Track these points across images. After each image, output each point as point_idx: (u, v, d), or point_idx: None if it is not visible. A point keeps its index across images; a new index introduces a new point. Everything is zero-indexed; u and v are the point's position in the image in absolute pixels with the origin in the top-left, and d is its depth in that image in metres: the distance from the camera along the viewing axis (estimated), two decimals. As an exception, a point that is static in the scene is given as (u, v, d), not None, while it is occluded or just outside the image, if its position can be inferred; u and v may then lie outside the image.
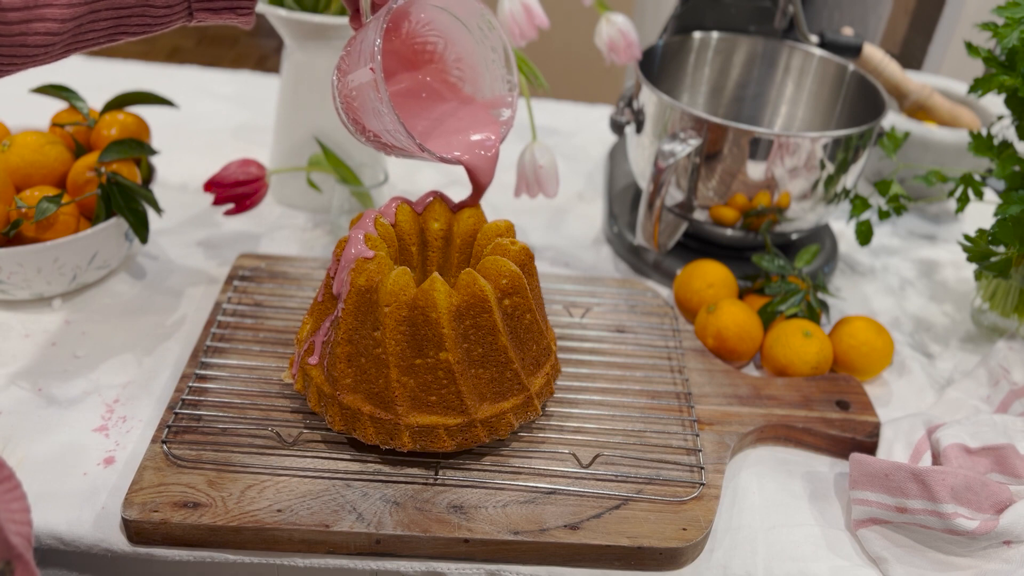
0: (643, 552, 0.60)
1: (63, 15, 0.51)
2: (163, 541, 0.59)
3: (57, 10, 0.51)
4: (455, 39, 0.67)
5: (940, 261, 1.01)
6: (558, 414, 0.70)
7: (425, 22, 0.66)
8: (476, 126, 0.67)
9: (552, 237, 0.98)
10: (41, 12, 0.51)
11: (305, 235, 0.94)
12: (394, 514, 0.60)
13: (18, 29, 0.51)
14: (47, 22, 0.51)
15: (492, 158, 0.66)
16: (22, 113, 0.94)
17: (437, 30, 0.67)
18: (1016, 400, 0.74)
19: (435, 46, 0.68)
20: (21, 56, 0.52)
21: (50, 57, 0.53)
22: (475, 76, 0.69)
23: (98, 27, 0.54)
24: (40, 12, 0.51)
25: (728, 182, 0.83)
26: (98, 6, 0.53)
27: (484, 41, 0.66)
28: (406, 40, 0.67)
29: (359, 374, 0.61)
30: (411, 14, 0.65)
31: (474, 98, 0.69)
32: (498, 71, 0.67)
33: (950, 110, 1.09)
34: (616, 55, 0.87)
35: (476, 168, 0.66)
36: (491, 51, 0.67)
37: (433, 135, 0.66)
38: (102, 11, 0.54)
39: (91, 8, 0.53)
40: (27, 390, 0.71)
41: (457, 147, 0.66)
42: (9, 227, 0.74)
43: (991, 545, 0.61)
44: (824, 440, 0.72)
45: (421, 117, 0.67)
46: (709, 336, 0.79)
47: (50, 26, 0.51)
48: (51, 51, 0.53)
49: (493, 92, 0.68)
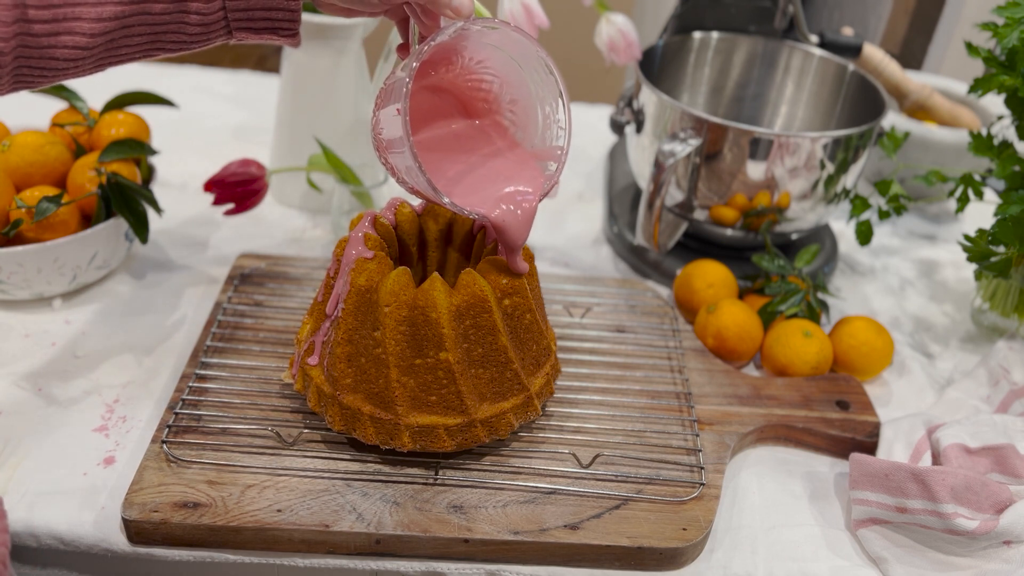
0: (643, 552, 0.60)
1: (93, 29, 0.50)
2: (163, 541, 0.59)
3: (87, 24, 0.50)
4: (511, 80, 0.62)
5: (940, 261, 1.01)
6: (558, 414, 0.70)
7: (479, 59, 0.60)
8: (516, 177, 0.61)
9: (552, 237, 0.98)
10: (70, 26, 0.50)
11: (305, 235, 0.94)
12: (394, 514, 0.60)
13: (46, 42, 0.50)
14: (76, 36, 0.50)
15: (524, 216, 0.60)
16: (22, 113, 0.94)
17: (493, 69, 0.61)
18: (1016, 400, 0.74)
19: (490, 85, 0.62)
20: (51, 70, 0.51)
21: (81, 71, 0.52)
22: (528, 122, 0.63)
23: (132, 42, 0.53)
24: (69, 26, 0.50)
25: (728, 182, 0.83)
26: (130, 21, 0.52)
27: (541, 86, 0.61)
28: (459, 76, 0.62)
29: (359, 374, 0.61)
30: (465, 49, 0.59)
31: (523, 146, 0.63)
32: (552, 120, 0.61)
33: (950, 110, 1.09)
34: (616, 55, 0.87)
35: (504, 226, 0.60)
36: (548, 97, 0.61)
37: (464, 182, 0.60)
38: (135, 27, 0.52)
39: (123, 24, 0.52)
40: (27, 390, 0.71)
41: (487, 200, 0.60)
42: (9, 227, 0.74)
43: (991, 545, 0.61)
44: (824, 440, 0.72)
45: (457, 161, 0.62)
46: (709, 336, 0.79)
47: (79, 40, 0.50)
48: (81, 65, 0.52)
49: (545, 142, 0.62)
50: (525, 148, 0.63)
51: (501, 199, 0.60)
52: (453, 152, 0.62)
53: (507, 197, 0.60)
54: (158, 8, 0.52)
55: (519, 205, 0.60)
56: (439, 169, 0.60)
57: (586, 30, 1.08)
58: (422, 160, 0.58)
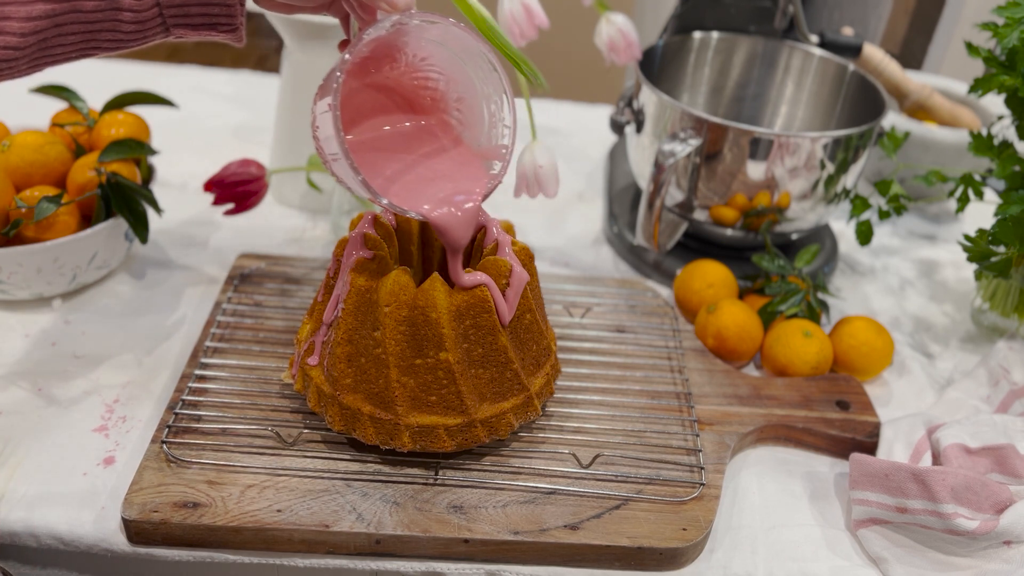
0: (643, 552, 0.60)
1: (23, 29, 0.50)
2: (163, 541, 0.59)
3: (16, 23, 0.49)
4: (457, 78, 0.60)
5: (940, 261, 1.01)
6: (558, 414, 0.70)
7: (423, 56, 0.59)
8: (459, 177, 0.60)
9: (552, 237, 0.98)
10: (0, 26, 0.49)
11: (305, 235, 0.94)
12: (394, 514, 0.60)
13: None
14: (6, 36, 0.49)
15: (465, 216, 0.59)
16: (22, 113, 0.94)
17: (438, 66, 0.60)
18: (1016, 400, 0.74)
19: (436, 83, 0.61)
20: None
21: (16, 72, 0.51)
22: (474, 120, 0.61)
23: (66, 41, 0.52)
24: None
25: (728, 182, 0.83)
26: (62, 20, 0.51)
27: (486, 83, 0.59)
28: (405, 74, 0.60)
29: (359, 374, 0.61)
30: (407, 45, 0.58)
31: (469, 145, 0.62)
32: (498, 118, 0.60)
33: (950, 110, 1.09)
34: (616, 55, 0.87)
35: (444, 227, 0.58)
36: (493, 94, 0.59)
37: (403, 181, 0.59)
38: (68, 25, 0.52)
39: (55, 23, 0.51)
40: (27, 390, 0.71)
41: (427, 200, 0.58)
42: (9, 227, 0.74)
43: (991, 545, 0.61)
44: (824, 440, 0.72)
45: (397, 160, 0.60)
46: (709, 336, 0.79)
47: (9, 40, 0.49)
48: (15, 66, 0.51)
49: (490, 141, 0.61)
50: (471, 147, 0.62)
51: (442, 199, 0.59)
52: (395, 151, 0.61)
53: (448, 197, 0.59)
54: (89, 6, 0.51)
55: (459, 206, 0.59)
56: (377, 167, 0.59)
57: (586, 30, 1.08)
58: (361, 158, 0.58)
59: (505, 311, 0.61)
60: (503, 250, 0.63)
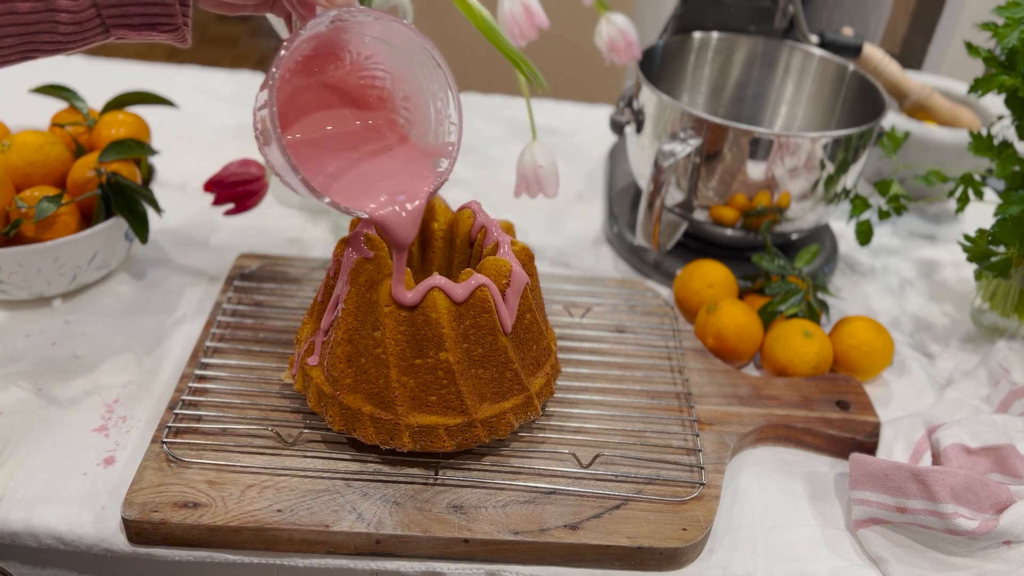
0: (643, 552, 0.60)
1: None
2: (163, 541, 0.59)
3: None
4: (402, 76, 0.60)
5: (940, 261, 1.01)
6: (558, 414, 0.70)
7: (368, 55, 0.58)
8: (403, 175, 0.60)
9: (552, 237, 0.98)
10: None
11: (305, 235, 0.94)
12: (394, 514, 0.60)
13: None
14: None
15: (410, 216, 0.58)
16: (22, 113, 0.94)
17: (383, 64, 0.59)
18: (1016, 400, 0.74)
19: (383, 82, 0.60)
20: None
21: None
22: (422, 120, 0.61)
23: (4, 43, 0.52)
24: None
25: (728, 182, 0.83)
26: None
27: (431, 80, 0.59)
28: (351, 73, 0.60)
29: (359, 374, 0.61)
30: (349, 43, 0.58)
31: (415, 143, 0.62)
32: (445, 116, 0.60)
33: (950, 110, 1.09)
34: (616, 55, 0.87)
35: (388, 225, 0.58)
36: (438, 91, 0.59)
37: (345, 180, 0.58)
38: (4, 27, 0.51)
39: None
40: (27, 390, 0.71)
41: (370, 198, 0.58)
42: (9, 227, 0.74)
43: (991, 545, 0.61)
44: (824, 440, 0.72)
45: (340, 158, 0.59)
46: (709, 336, 0.79)
47: None
48: None
49: (437, 138, 0.60)
50: (418, 145, 0.61)
51: (386, 198, 0.58)
52: (338, 149, 0.60)
53: (393, 196, 0.58)
54: (25, 7, 0.51)
55: (403, 205, 0.58)
56: (319, 165, 0.58)
57: (586, 30, 1.08)
58: (302, 155, 0.57)
59: (507, 319, 0.61)
60: (503, 250, 0.63)
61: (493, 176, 1.09)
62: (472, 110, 1.25)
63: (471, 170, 1.10)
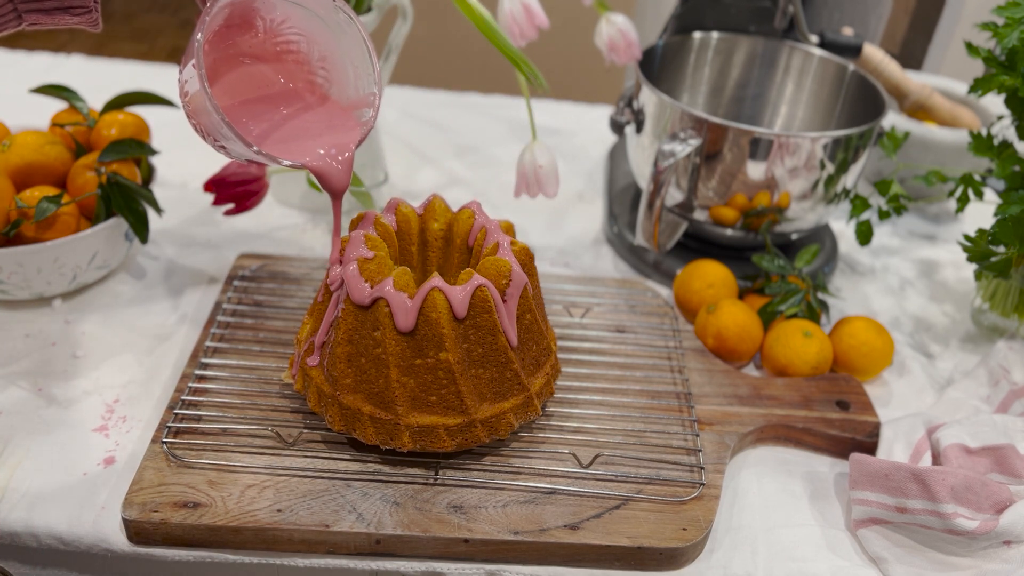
0: (643, 552, 0.60)
1: None
2: (163, 541, 0.59)
3: None
4: (316, 37, 0.61)
5: (940, 261, 1.01)
6: (558, 414, 0.70)
7: (281, 20, 0.60)
8: (331, 130, 0.62)
9: (552, 237, 0.98)
10: None
11: (305, 235, 0.94)
12: (394, 514, 0.60)
13: None
14: None
15: (343, 163, 0.61)
16: (22, 113, 0.94)
17: (297, 27, 0.61)
18: (1016, 400, 0.74)
19: (298, 45, 0.62)
20: None
21: None
22: (341, 76, 0.63)
23: None
24: None
25: (728, 182, 0.83)
26: None
27: (345, 36, 0.60)
28: (267, 40, 0.61)
29: (359, 374, 0.61)
30: (261, 9, 0.59)
31: (336, 101, 0.63)
32: (363, 68, 0.61)
33: (950, 110, 1.09)
34: (616, 55, 0.87)
35: (324, 173, 0.61)
36: (353, 47, 0.60)
37: (275, 136, 0.60)
38: None
39: None
40: (27, 390, 0.71)
41: (302, 150, 0.60)
42: (9, 227, 0.74)
43: (991, 545, 0.61)
44: (824, 440, 0.72)
45: (264, 120, 0.61)
46: (709, 336, 0.79)
47: None
48: None
49: (359, 92, 0.62)
50: (339, 102, 0.63)
51: (317, 148, 0.60)
52: (262, 114, 0.62)
53: (324, 146, 0.61)
54: None
55: (333, 157, 0.61)
56: (244, 129, 0.60)
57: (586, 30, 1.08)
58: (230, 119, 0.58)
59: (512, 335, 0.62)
60: (503, 250, 0.63)
61: (493, 176, 1.09)
62: (472, 110, 1.25)
63: (471, 170, 1.10)
